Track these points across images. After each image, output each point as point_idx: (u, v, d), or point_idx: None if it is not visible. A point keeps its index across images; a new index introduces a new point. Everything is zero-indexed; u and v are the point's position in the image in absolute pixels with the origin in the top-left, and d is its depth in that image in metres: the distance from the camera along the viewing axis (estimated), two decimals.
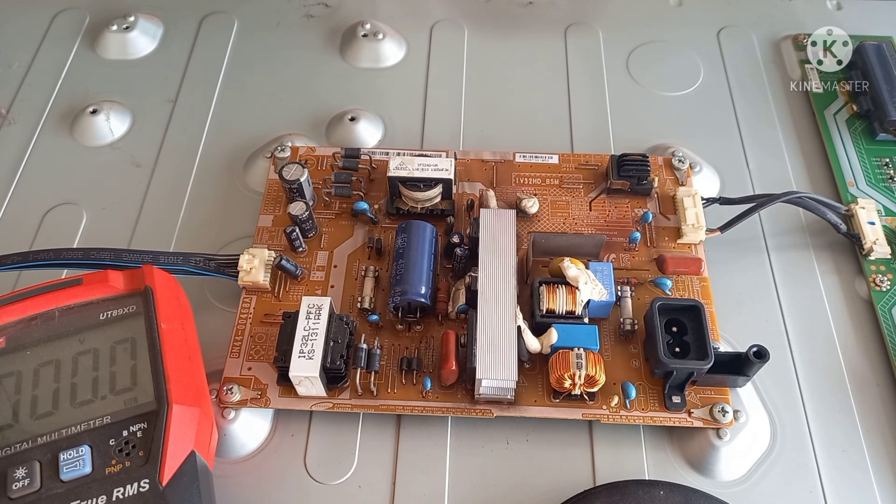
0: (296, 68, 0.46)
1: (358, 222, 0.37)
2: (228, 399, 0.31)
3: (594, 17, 0.50)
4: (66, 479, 0.25)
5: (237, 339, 0.33)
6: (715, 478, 0.31)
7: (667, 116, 0.44)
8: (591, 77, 0.46)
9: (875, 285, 0.36)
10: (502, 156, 0.40)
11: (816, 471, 0.31)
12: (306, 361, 0.30)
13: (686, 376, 0.31)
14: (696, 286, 0.35)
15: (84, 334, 0.28)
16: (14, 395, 0.27)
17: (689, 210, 0.36)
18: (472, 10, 0.50)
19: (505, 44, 0.48)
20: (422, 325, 0.34)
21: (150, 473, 0.25)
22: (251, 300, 0.35)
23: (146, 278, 0.29)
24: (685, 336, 0.32)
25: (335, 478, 0.31)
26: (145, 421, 0.26)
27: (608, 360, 0.32)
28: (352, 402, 0.32)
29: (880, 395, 0.33)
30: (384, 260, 0.36)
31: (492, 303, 0.31)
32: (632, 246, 0.36)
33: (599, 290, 0.32)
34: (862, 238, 0.37)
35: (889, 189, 0.40)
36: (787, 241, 0.39)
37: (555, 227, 0.37)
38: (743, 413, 0.32)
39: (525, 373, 0.32)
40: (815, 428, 0.32)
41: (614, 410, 0.31)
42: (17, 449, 0.25)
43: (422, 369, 0.32)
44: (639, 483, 0.29)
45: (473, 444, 0.32)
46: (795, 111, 0.44)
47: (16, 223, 0.39)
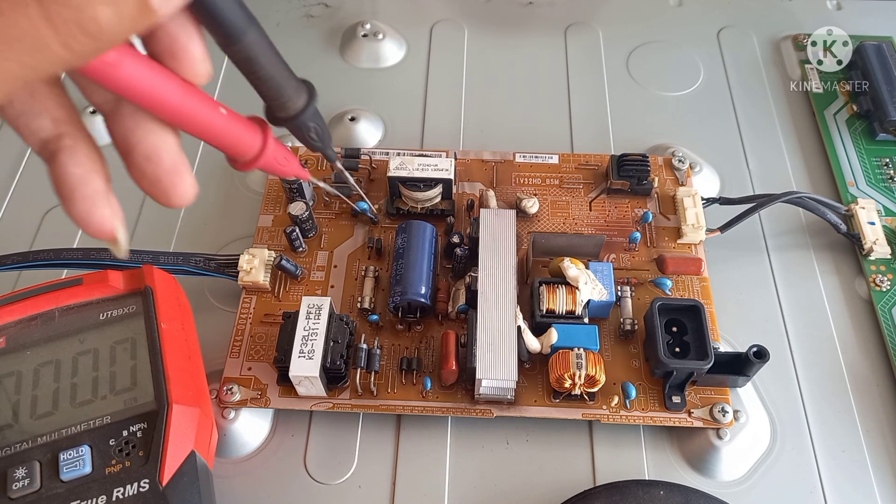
0: (296, 68, 0.46)
1: (358, 222, 0.37)
2: (228, 399, 0.31)
3: (594, 17, 0.50)
4: (66, 479, 0.25)
5: (237, 339, 0.33)
6: (715, 478, 0.31)
7: (667, 116, 0.44)
8: (591, 77, 0.46)
9: (875, 285, 0.36)
10: (502, 156, 0.40)
11: (816, 471, 0.31)
12: (306, 361, 0.30)
13: (686, 376, 0.31)
14: (696, 286, 0.35)
15: (84, 334, 0.28)
16: (14, 395, 0.27)
17: (689, 210, 0.36)
18: (472, 10, 0.50)
19: (505, 44, 0.48)
20: (422, 325, 0.34)
21: (150, 473, 0.25)
22: (251, 300, 0.35)
23: (146, 278, 0.29)
24: (685, 336, 0.32)
25: (335, 478, 0.31)
26: (145, 421, 0.26)
27: (608, 360, 0.32)
28: (352, 402, 0.32)
29: (880, 395, 0.33)
30: (384, 260, 0.36)
31: (492, 303, 0.31)
32: (632, 246, 0.36)
33: (599, 290, 0.32)
34: (862, 238, 0.37)
35: (889, 189, 0.40)
36: (787, 241, 0.39)
37: (555, 227, 0.37)
38: (743, 413, 0.32)
39: (525, 373, 0.32)
40: (815, 428, 0.32)
41: (614, 410, 0.31)
42: (17, 449, 0.25)
43: (422, 369, 0.32)
44: (639, 483, 0.29)
45: (473, 444, 0.32)
46: (795, 111, 0.44)
47: (16, 223, 0.39)
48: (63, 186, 0.16)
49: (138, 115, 0.16)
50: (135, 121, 0.16)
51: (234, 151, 0.18)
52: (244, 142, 0.18)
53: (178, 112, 0.16)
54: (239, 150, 0.18)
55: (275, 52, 0.18)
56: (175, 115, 0.16)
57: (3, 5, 0.11)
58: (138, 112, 0.16)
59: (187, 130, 0.17)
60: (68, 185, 0.16)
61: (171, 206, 0.17)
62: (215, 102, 0.17)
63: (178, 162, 0.16)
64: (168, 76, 0.16)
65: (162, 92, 0.15)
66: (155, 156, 0.16)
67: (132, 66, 0.15)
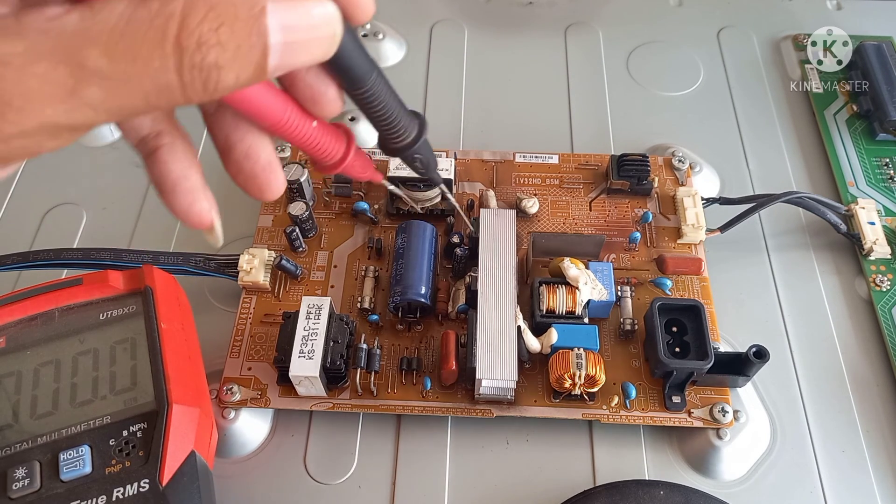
0: None
1: (358, 222, 0.37)
2: (228, 399, 0.31)
3: (594, 17, 0.50)
4: (66, 479, 0.25)
5: (237, 339, 0.33)
6: (715, 478, 0.31)
7: (667, 116, 0.44)
8: (591, 77, 0.46)
9: (875, 285, 0.36)
10: (502, 156, 0.40)
11: (816, 471, 0.31)
12: (306, 361, 0.30)
13: (686, 376, 0.31)
14: (696, 286, 0.35)
15: (84, 334, 0.28)
16: (14, 395, 0.27)
17: (689, 210, 0.36)
18: (472, 10, 0.50)
19: (505, 44, 0.48)
20: (422, 325, 0.34)
21: (150, 473, 0.25)
22: (251, 300, 0.35)
23: (146, 278, 0.29)
24: (685, 336, 0.32)
25: (335, 478, 0.31)
26: (145, 421, 0.26)
27: (608, 360, 0.32)
28: (352, 402, 0.32)
29: (880, 395, 0.33)
30: (384, 260, 0.36)
31: (492, 303, 0.31)
32: (632, 246, 0.36)
33: (599, 290, 0.32)
34: (862, 238, 0.37)
35: (889, 189, 0.40)
36: (787, 241, 0.39)
37: (555, 227, 0.37)
38: (743, 413, 0.32)
39: (525, 373, 0.32)
40: (815, 428, 0.32)
41: (614, 410, 0.31)
42: (17, 449, 0.25)
43: (422, 369, 0.32)
44: (639, 483, 0.29)
45: (473, 444, 0.32)
46: (795, 111, 0.44)
47: (16, 223, 0.39)
48: (165, 182, 0.17)
49: (238, 118, 0.18)
50: (235, 123, 0.18)
51: (320, 157, 0.20)
52: (330, 149, 0.19)
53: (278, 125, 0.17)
54: (324, 157, 0.20)
55: (391, 91, 0.19)
56: (276, 127, 0.17)
57: (143, 47, 0.13)
58: (238, 115, 0.18)
59: (283, 138, 0.18)
60: (170, 180, 0.17)
61: (263, 199, 0.19)
62: (310, 116, 0.18)
63: (273, 160, 0.18)
64: (276, 96, 0.17)
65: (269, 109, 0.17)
66: (253, 154, 0.17)
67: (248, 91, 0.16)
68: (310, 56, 0.15)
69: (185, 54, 0.13)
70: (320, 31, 0.15)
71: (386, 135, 0.20)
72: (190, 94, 0.13)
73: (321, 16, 0.14)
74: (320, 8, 0.14)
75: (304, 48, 0.14)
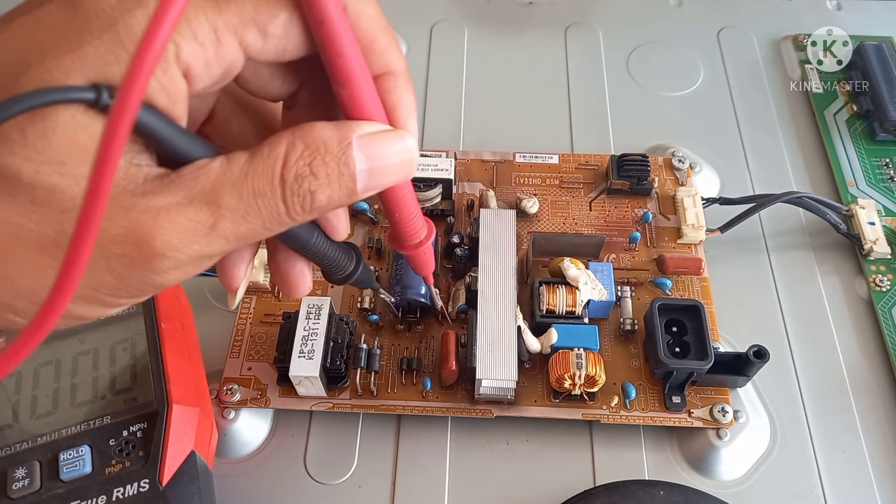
0: None
1: (358, 222, 0.37)
2: (228, 399, 0.31)
3: (594, 17, 0.50)
4: (66, 478, 0.25)
5: (237, 339, 0.33)
6: (715, 478, 0.31)
7: (667, 116, 0.44)
8: (591, 77, 0.46)
9: (875, 285, 0.36)
10: (502, 156, 0.40)
11: (816, 471, 0.31)
12: (306, 361, 0.30)
13: (686, 376, 0.31)
14: (696, 286, 0.35)
15: (84, 334, 0.28)
16: (14, 395, 0.27)
17: (689, 210, 0.36)
18: (472, 10, 0.50)
19: (505, 44, 0.48)
20: (422, 325, 0.34)
21: (150, 473, 0.25)
22: (251, 300, 0.35)
23: None
24: (685, 336, 0.32)
25: (335, 478, 0.31)
26: (145, 421, 0.26)
27: (608, 360, 0.32)
28: (352, 403, 0.32)
29: (880, 395, 0.33)
30: (384, 260, 0.36)
31: (492, 303, 0.31)
32: (632, 246, 0.36)
33: (599, 290, 0.32)
34: (862, 238, 0.37)
35: (889, 189, 0.40)
36: (787, 241, 0.39)
37: (555, 227, 0.37)
38: (743, 413, 0.32)
39: (525, 373, 0.32)
40: (815, 428, 0.32)
41: (614, 410, 0.31)
42: (17, 449, 0.25)
43: (422, 369, 0.32)
44: (639, 483, 0.29)
45: (473, 444, 0.32)
46: (795, 111, 0.44)
47: None
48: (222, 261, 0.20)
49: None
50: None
51: (404, 237, 0.22)
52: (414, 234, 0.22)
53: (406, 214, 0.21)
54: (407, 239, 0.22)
55: (332, 244, 0.21)
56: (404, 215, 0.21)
57: (259, 184, 0.16)
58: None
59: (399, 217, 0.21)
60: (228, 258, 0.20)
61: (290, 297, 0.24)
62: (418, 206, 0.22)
63: (305, 270, 0.21)
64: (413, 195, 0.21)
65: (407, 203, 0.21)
66: (291, 260, 0.21)
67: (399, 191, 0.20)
68: (394, 178, 0.18)
69: (286, 185, 0.16)
70: (400, 157, 0.18)
71: (330, 270, 0.23)
72: (293, 215, 0.16)
73: (401, 147, 0.17)
74: (400, 142, 0.17)
75: (387, 173, 0.17)
